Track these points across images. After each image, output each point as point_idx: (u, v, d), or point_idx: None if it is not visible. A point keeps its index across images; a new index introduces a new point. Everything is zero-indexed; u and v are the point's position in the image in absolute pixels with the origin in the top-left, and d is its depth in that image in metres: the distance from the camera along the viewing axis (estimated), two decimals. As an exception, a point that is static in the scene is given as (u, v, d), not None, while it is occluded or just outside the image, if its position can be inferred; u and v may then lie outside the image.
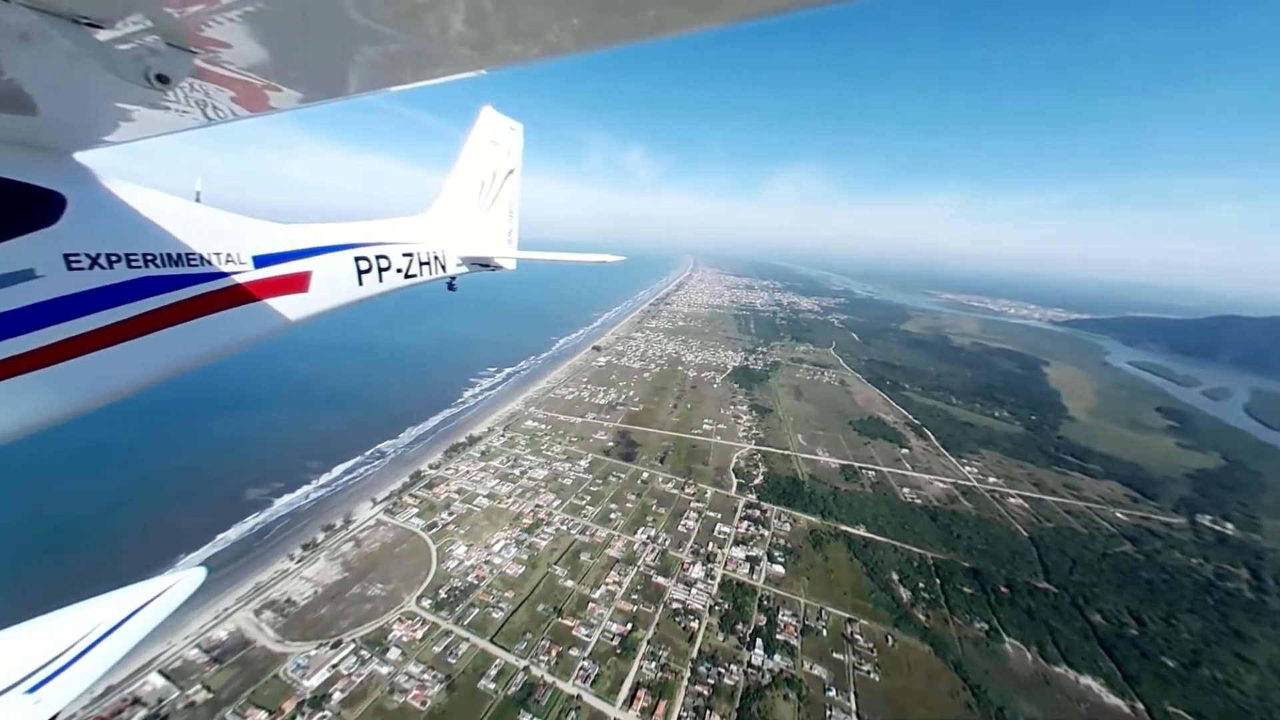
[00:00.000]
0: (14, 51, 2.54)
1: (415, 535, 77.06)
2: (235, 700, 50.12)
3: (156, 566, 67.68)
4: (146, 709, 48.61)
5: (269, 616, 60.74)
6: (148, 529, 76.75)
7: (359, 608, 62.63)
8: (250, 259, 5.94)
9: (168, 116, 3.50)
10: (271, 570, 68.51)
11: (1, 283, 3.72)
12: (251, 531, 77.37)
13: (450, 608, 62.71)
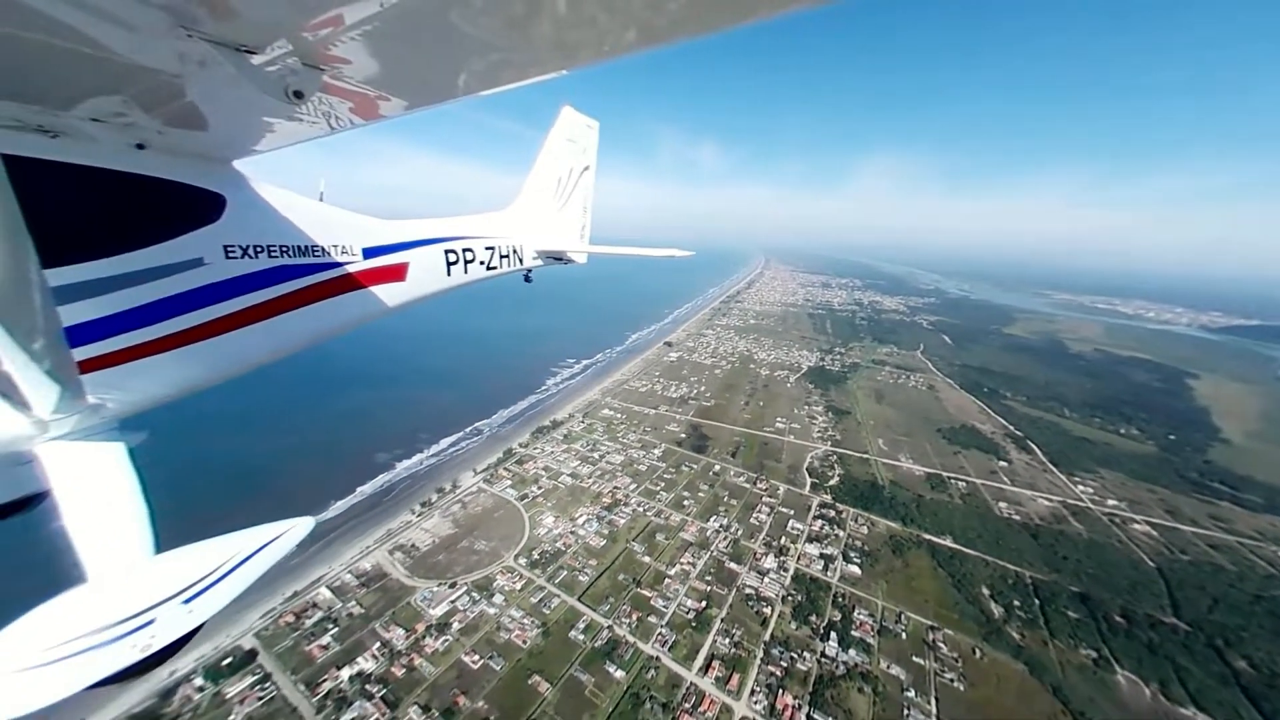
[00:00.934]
0: (194, 77, 3.09)
1: (510, 504, 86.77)
2: (380, 617, 61.31)
3: (313, 508, 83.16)
4: (321, 612, 61.24)
5: (400, 557, 72.65)
6: (304, 480, 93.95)
7: (468, 558, 72.67)
8: (360, 251, 6.70)
9: (300, 127, 4.08)
10: (398, 520, 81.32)
11: (179, 269, 4.56)
12: (381, 488, 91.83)
13: (543, 567, 70.59)
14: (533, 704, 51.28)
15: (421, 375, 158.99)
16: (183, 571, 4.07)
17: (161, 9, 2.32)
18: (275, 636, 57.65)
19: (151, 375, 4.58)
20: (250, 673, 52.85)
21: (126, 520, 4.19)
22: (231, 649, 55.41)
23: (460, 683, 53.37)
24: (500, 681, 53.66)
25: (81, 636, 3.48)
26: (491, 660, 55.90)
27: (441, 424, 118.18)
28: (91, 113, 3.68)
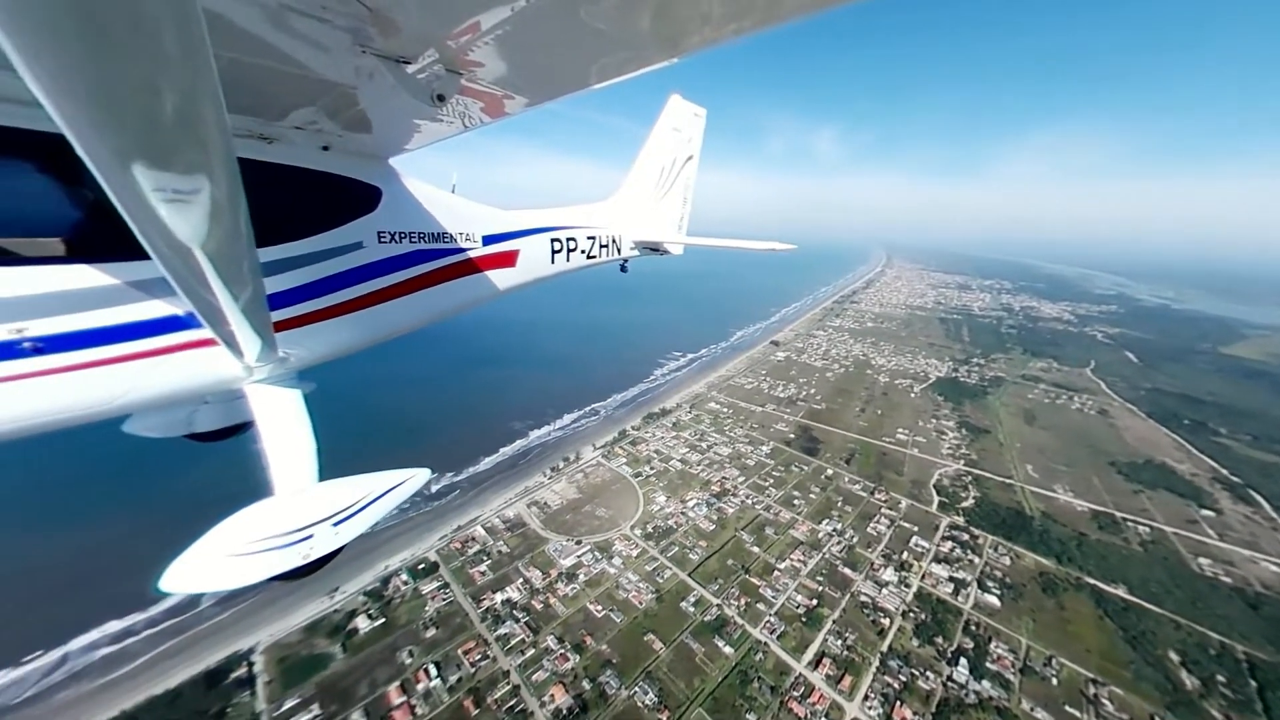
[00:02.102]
0: (364, 87, 3.65)
1: (625, 479, 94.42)
2: (521, 558, 72.37)
3: (468, 461, 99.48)
4: (478, 545, 74.38)
5: (535, 511, 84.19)
6: (458, 437, 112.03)
7: (590, 521, 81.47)
8: (481, 238, 7.27)
9: (441, 127, 4.61)
10: (533, 480, 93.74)
11: (344, 251, 5.40)
12: (518, 451, 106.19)
13: (656, 540, 76.35)
14: (648, 658, 56.89)
15: (544, 358, 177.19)
16: (334, 499, 4.80)
17: (346, 31, 2.75)
18: (449, 556, 71.65)
19: (320, 337, 5.38)
20: (435, 579, 66.80)
21: (299, 452, 4.96)
22: (422, 558, 70.36)
23: (586, 626, 61.18)
24: (620, 633, 60.30)
25: (267, 538, 4.27)
26: (612, 613, 62.91)
27: (563, 401, 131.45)
28: (295, 122, 4.50)
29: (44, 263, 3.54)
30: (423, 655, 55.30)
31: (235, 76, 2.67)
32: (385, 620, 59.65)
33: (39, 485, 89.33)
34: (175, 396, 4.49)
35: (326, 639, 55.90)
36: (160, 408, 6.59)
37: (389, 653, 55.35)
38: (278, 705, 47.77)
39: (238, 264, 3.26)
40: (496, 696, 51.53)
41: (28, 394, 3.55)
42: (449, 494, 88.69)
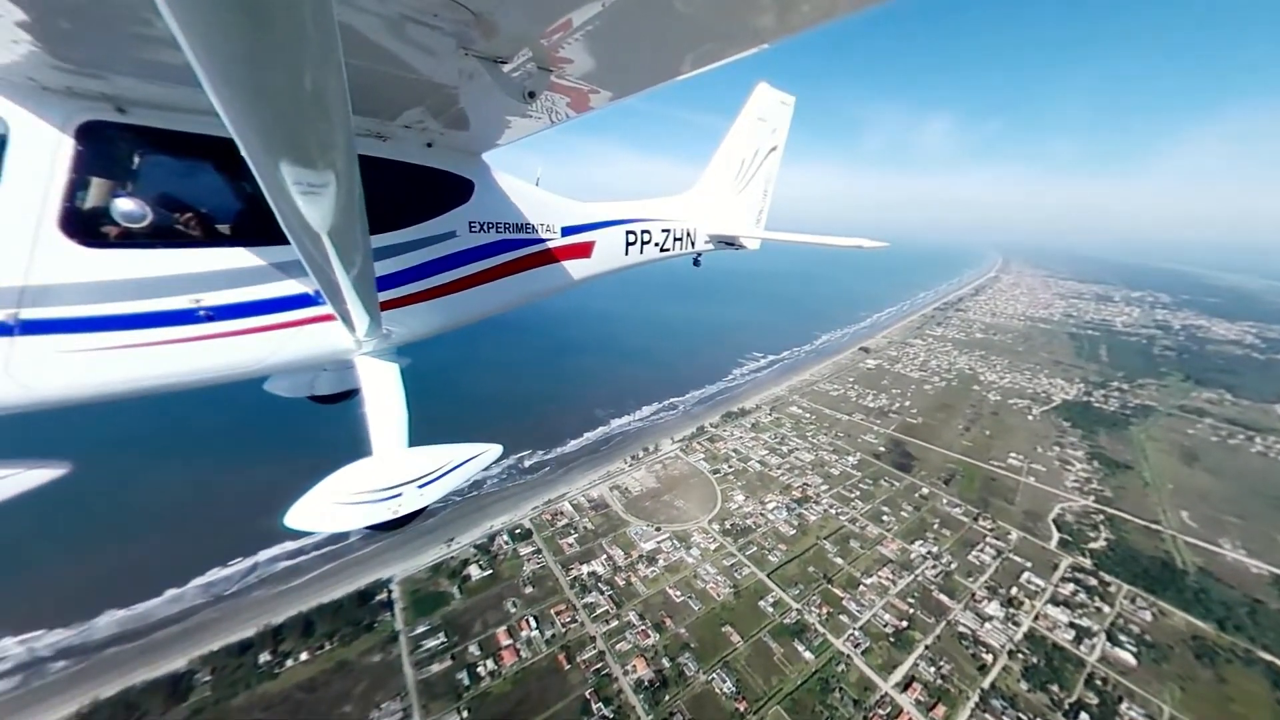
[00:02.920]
0: (465, 87, 3.90)
1: (703, 475, 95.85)
2: (604, 536, 77.13)
3: (554, 444, 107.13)
4: (566, 519, 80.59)
5: (617, 495, 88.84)
6: (544, 420, 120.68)
7: (669, 511, 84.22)
8: (560, 229, 7.55)
9: (530, 123, 4.88)
10: (615, 465, 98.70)
11: (440, 238, 5.87)
12: (600, 437, 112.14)
13: (734, 537, 77.07)
14: (726, 649, 58.25)
15: (623, 351, 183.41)
16: (420, 464, 5.19)
17: (451, 35, 2.96)
18: (541, 525, 78.60)
19: (417, 317, 5.87)
20: (530, 544, 73.89)
21: (394, 419, 5.40)
22: (519, 524, 78.06)
23: (666, 608, 63.99)
24: (697, 620, 62.29)
25: (364, 493, 4.77)
26: (690, 600, 65.08)
27: (642, 394, 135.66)
28: (405, 121, 4.84)
29: (216, 245, 4.28)
30: (524, 608, 61.84)
31: (358, 82, 2.95)
32: (492, 572, 67.41)
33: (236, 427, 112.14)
34: (304, 362, 5.20)
35: (447, 580, 64.74)
36: (291, 371, 7.66)
37: (496, 600, 62.68)
38: (412, 628, 56.78)
39: (354, 249, 3.59)
40: (585, 657, 56.21)
41: (203, 353, 4.29)
42: (540, 470, 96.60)
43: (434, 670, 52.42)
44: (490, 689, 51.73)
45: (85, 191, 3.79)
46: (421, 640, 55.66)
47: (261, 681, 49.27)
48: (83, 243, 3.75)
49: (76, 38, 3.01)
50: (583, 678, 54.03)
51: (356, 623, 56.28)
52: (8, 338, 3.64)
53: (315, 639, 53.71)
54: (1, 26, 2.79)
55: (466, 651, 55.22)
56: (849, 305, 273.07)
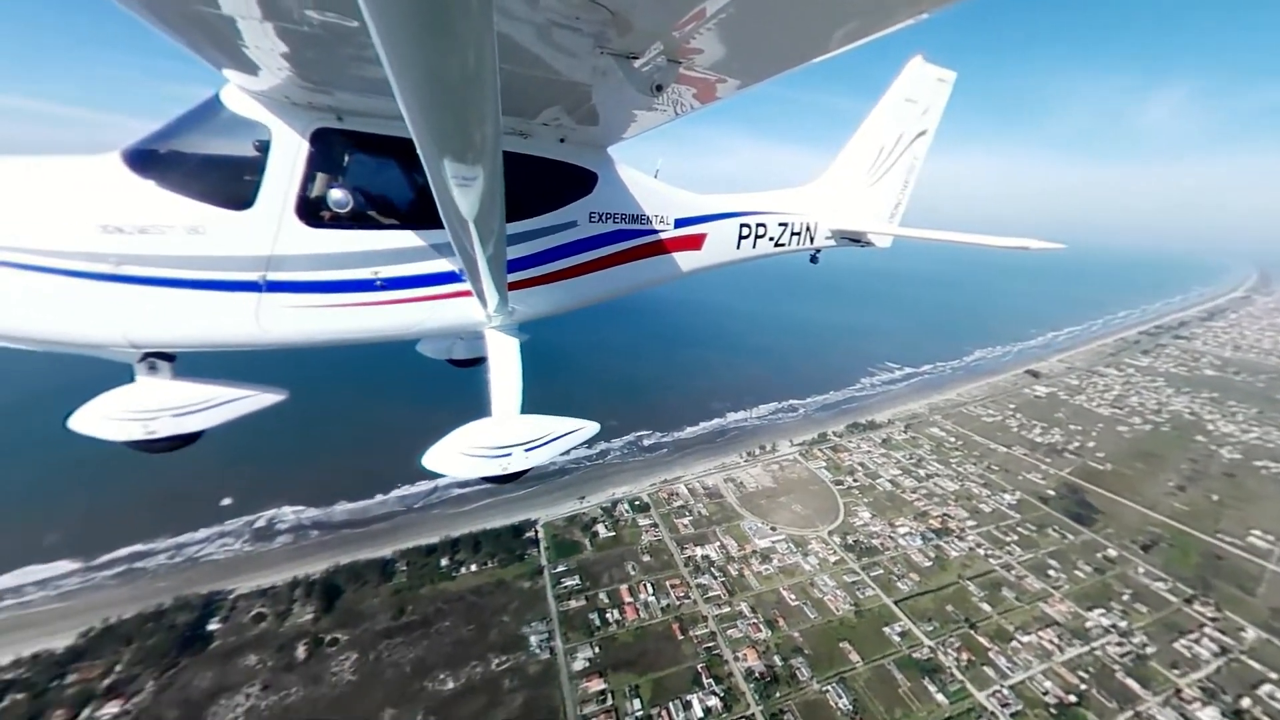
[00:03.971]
0: (597, 84, 3.92)
1: (823, 483, 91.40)
2: (718, 524, 78.59)
3: (670, 428, 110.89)
4: (681, 501, 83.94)
5: (731, 487, 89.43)
6: (662, 405, 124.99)
7: (785, 513, 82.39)
8: (673, 221, 7.69)
9: (654, 116, 4.88)
10: (730, 459, 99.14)
11: (562, 228, 6.29)
12: (716, 428, 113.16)
13: (857, 554, 72.75)
14: (843, 665, 56.04)
15: (741, 346, 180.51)
16: (529, 430, 6.02)
17: (590, 36, 3.03)
18: (658, 502, 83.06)
19: (538, 298, 6.45)
20: (648, 517, 78.81)
21: (511, 387, 6.12)
22: (638, 496, 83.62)
23: (779, 608, 63.48)
24: (813, 628, 60.72)
25: (482, 448, 5.70)
26: (806, 607, 63.56)
27: (760, 391, 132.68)
28: (543, 119, 5.18)
29: (391, 228, 5.18)
30: (642, 574, 66.73)
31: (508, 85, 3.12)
32: (615, 534, 73.68)
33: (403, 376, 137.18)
34: (446, 330, 6.08)
35: (580, 532, 72.65)
36: (436, 337, 9.02)
37: (619, 560, 68.62)
38: (553, 566, 65.42)
39: (492, 235, 3.95)
40: (697, 633, 58.88)
41: (377, 315, 5.29)
42: (657, 450, 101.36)
43: (571, 605, 59.77)
44: (615, 635, 57.29)
45: (312, 183, 4.82)
46: (561, 578, 63.67)
47: (441, 580, 61.41)
48: (307, 224, 4.81)
49: (317, 63, 3.80)
50: (695, 651, 56.76)
51: (511, 551, 66.45)
52: (257, 293, 4.76)
53: (481, 556, 64.93)
54: (272, 59, 3.66)
55: (596, 597, 61.72)
56: (1013, 319, 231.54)
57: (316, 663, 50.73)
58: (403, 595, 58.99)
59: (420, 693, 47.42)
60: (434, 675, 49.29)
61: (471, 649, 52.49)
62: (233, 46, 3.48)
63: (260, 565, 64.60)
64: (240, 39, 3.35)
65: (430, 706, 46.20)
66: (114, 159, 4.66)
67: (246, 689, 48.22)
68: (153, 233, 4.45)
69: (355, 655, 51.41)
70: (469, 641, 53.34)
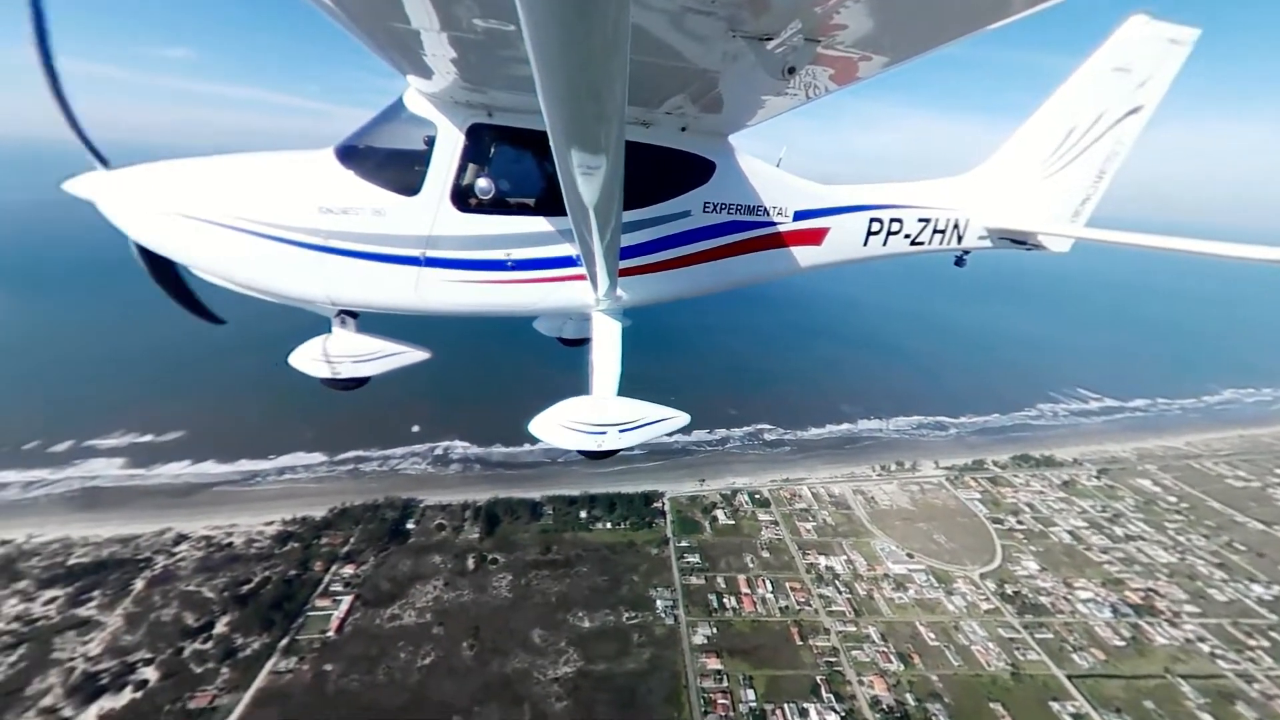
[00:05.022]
0: (726, 70, 3.86)
1: (976, 518, 79.66)
2: (844, 537, 73.89)
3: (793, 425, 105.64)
4: (804, 504, 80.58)
5: (861, 500, 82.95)
6: (784, 399, 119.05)
7: (925, 542, 74.03)
8: (792, 213, 7.31)
9: (781, 101, 4.76)
10: (859, 469, 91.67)
11: (676, 217, 6.35)
12: (845, 434, 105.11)
13: (1016, 607, 62.76)
14: (990, 726, 49.62)
15: (880, 344, 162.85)
16: (624, 412, 6.21)
17: (724, 20, 2.96)
18: (779, 500, 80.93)
19: (645, 286, 6.63)
20: (768, 514, 77.49)
21: (610, 369, 6.29)
22: (758, 490, 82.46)
23: (915, 644, 58.03)
24: (955, 677, 54.46)
25: (580, 423, 6.08)
26: (948, 651, 57.08)
27: (900, 400, 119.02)
28: (667, 108, 5.23)
29: (522, 214, 5.84)
30: (760, 569, 66.38)
31: (636, 74, 2.94)
32: (735, 523, 74.11)
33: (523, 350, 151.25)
34: (559, 310, 6.73)
35: (701, 513, 74.75)
36: (550, 316, 9.53)
37: (737, 549, 69.16)
38: (678, 539, 68.76)
39: (608, 223, 4.08)
40: (818, 644, 57.00)
41: (504, 293, 6.05)
42: (779, 446, 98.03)
43: (693, 581, 62.34)
44: (732, 621, 58.40)
45: (464, 173, 5.54)
46: (684, 554, 66.56)
47: (580, 530, 68.60)
48: (458, 208, 5.59)
49: (478, 65, 4.25)
50: (814, 661, 55.16)
51: (641, 517, 71.25)
52: (418, 267, 5.70)
53: (615, 516, 70.83)
54: (443, 63, 4.19)
55: (715, 580, 63.32)
56: None
57: (481, 575, 60.95)
58: (549, 535, 67.22)
59: (562, 623, 54.23)
60: (574, 611, 55.84)
61: (605, 597, 58.11)
62: (415, 54, 4.07)
63: (439, 485, 78.88)
64: (421, 48, 3.90)
65: (570, 638, 52.61)
66: (329, 153, 5.81)
67: (433, 581, 60.12)
68: (351, 213, 5.51)
69: (510, 577, 60.54)
70: (603, 590, 59.05)
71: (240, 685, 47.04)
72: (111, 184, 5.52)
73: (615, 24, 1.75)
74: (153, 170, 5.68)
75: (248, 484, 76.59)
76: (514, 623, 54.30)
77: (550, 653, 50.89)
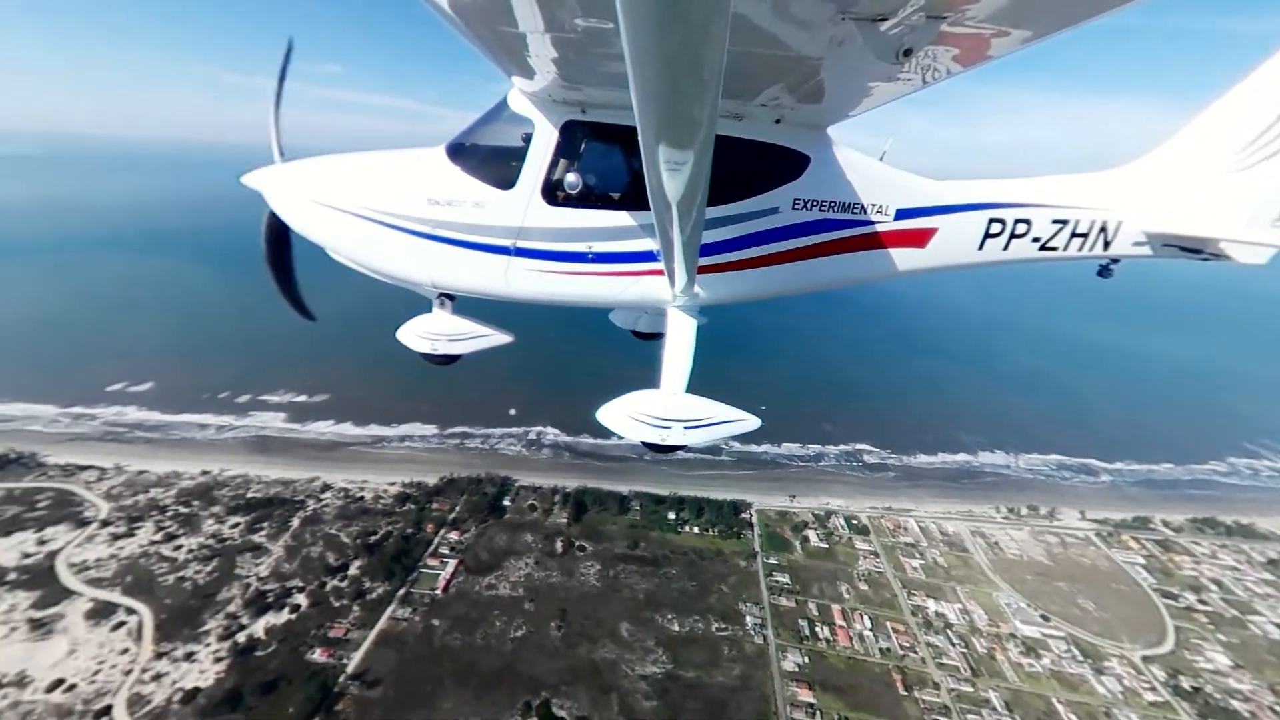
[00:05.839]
0: (831, 56, 3.56)
1: (1139, 587, 66.00)
2: (959, 582, 65.12)
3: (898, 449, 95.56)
4: (909, 539, 72.49)
5: (981, 544, 72.72)
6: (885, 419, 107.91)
7: (1066, 606, 62.75)
8: (894, 211, 6.80)
9: (892, 87, 4.39)
10: (980, 509, 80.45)
11: (762, 214, 6.39)
12: (960, 466, 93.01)
13: (1198, 709, 50.70)
14: (1156, 845, 40.35)
15: (1006, 369, 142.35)
16: (691, 409, 6.49)
17: (832, 2, 2.72)
18: (880, 530, 73.71)
19: (724, 285, 6.75)
20: (866, 542, 70.89)
21: (681, 366, 6.52)
22: (855, 515, 75.93)
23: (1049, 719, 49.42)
24: (1105, 771, 45.30)
25: (647, 415, 6.39)
26: (1096, 739, 47.72)
27: (1031, 434, 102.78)
28: (762, 100, 5.17)
29: (605, 208, 6.19)
30: (858, 601, 60.86)
31: (731, 66, 2.64)
32: (828, 547, 68.89)
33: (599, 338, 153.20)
34: (635, 304, 7.48)
35: (791, 531, 70.66)
36: (626, 309, 9.79)
37: (831, 576, 64.16)
38: (766, 555, 65.73)
39: (690, 219, 4.09)
40: (925, 698, 50.81)
41: (584, 285, 6.47)
42: (882, 471, 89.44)
43: (782, 603, 58.99)
44: (825, 652, 54.21)
45: (555, 168, 5.98)
46: (773, 571, 63.30)
47: (667, 531, 68.24)
48: (547, 202, 6.03)
49: (576, 64, 4.39)
50: (920, 716, 49.25)
51: (729, 526, 69.19)
52: (508, 256, 6.18)
53: (703, 521, 69.56)
54: (545, 63, 4.42)
55: (806, 605, 59.28)
56: None
57: (569, 560, 63.01)
58: (636, 531, 67.69)
59: (650, 622, 54.17)
60: (662, 611, 55.53)
61: (694, 603, 57.04)
62: (520, 56, 4.22)
63: (531, 467, 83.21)
64: (526, 49, 4.04)
65: (659, 639, 52.36)
66: (440, 151, 6.29)
67: (525, 558, 63.39)
68: (455, 205, 5.98)
69: (598, 566, 61.84)
70: (692, 596, 58.04)
71: (366, 624, 53.27)
72: (273, 177, 6.82)
73: (714, 13, 1.69)
74: (302, 166, 6.84)
75: (375, 446, 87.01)
76: (602, 612, 55.26)
77: (638, 649, 50.96)
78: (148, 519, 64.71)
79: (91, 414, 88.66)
